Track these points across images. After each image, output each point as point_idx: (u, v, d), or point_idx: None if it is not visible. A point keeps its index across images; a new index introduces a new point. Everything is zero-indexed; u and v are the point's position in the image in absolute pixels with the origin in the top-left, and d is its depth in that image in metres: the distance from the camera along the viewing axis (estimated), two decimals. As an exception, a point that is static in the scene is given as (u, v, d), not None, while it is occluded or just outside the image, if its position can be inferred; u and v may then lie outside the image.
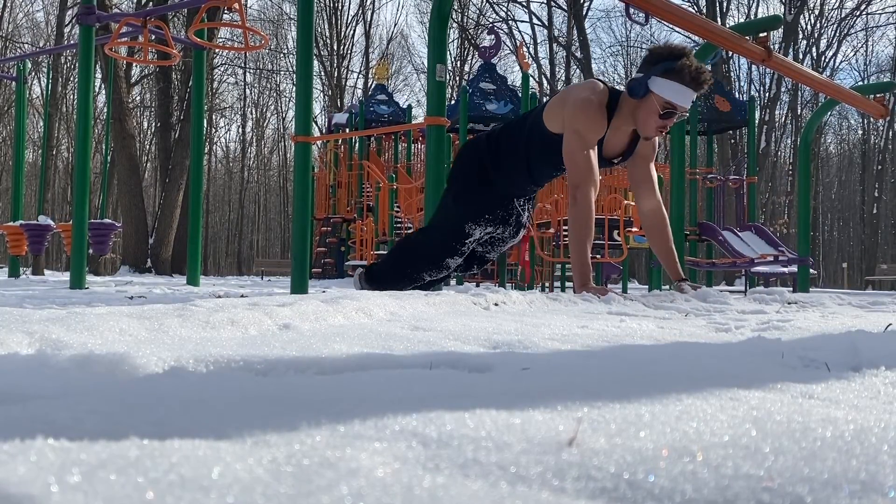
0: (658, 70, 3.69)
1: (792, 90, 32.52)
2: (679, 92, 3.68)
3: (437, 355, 1.29)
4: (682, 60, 3.67)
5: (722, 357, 1.27)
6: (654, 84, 3.70)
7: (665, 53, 3.72)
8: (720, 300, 3.70)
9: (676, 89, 3.68)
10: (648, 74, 3.72)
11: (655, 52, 3.78)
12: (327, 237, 17.82)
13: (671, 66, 3.67)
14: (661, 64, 3.69)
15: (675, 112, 3.72)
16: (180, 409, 0.73)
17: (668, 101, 3.69)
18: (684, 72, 3.66)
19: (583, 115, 3.81)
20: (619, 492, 0.53)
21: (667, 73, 3.68)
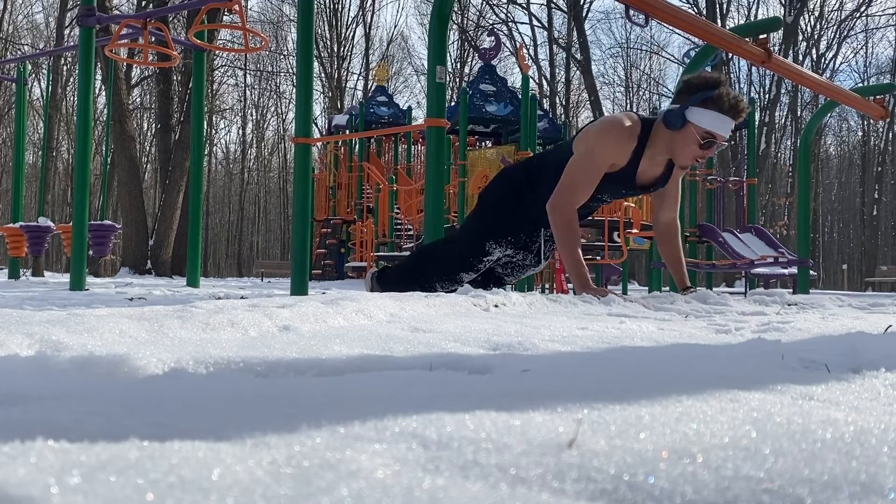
0: (695, 100, 3.65)
1: (792, 92, 32.53)
2: (719, 121, 3.65)
3: (437, 357, 1.29)
4: (720, 90, 3.64)
5: (722, 359, 1.27)
6: (692, 114, 3.66)
7: (701, 84, 3.68)
8: (720, 302, 3.70)
9: (716, 118, 3.64)
10: (686, 105, 3.67)
11: (691, 82, 3.73)
12: (327, 239, 17.83)
13: (709, 95, 3.63)
14: (698, 94, 3.65)
15: (714, 142, 3.69)
16: (180, 411, 0.73)
17: (707, 131, 3.65)
18: (723, 101, 3.63)
19: (604, 138, 3.79)
20: (619, 493, 0.53)
21: (705, 103, 3.64)
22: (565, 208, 3.81)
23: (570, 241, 3.80)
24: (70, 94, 33.83)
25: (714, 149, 3.74)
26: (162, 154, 22.82)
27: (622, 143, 3.78)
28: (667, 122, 3.72)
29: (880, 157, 36.75)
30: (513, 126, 14.88)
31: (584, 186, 3.82)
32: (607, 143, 3.79)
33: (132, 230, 19.47)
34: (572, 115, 37.13)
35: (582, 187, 3.82)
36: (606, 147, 3.79)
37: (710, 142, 3.69)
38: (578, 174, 3.83)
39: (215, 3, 6.55)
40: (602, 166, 3.81)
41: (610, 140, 3.79)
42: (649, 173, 3.94)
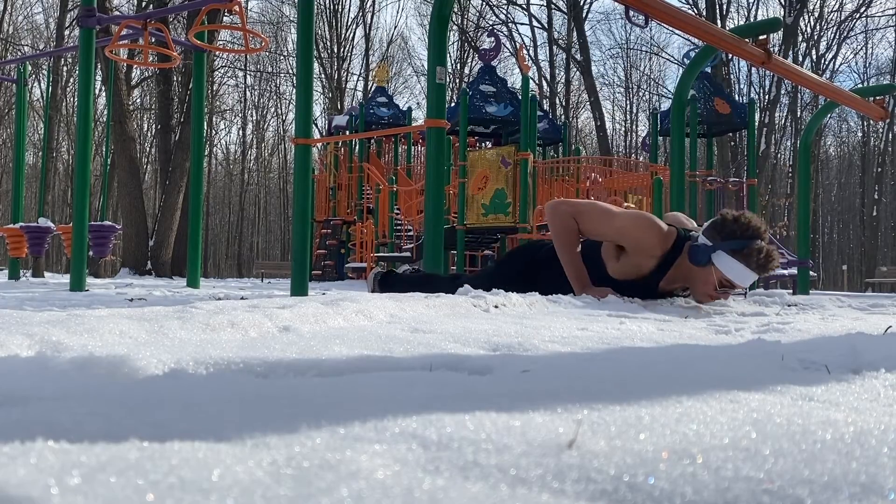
0: (726, 247, 3.52)
1: (792, 93, 32.52)
2: (742, 274, 3.54)
3: (437, 357, 1.29)
4: (753, 244, 3.50)
5: (722, 359, 1.27)
6: (718, 258, 3.54)
7: (738, 232, 3.53)
8: (720, 302, 3.70)
9: (740, 271, 3.53)
10: (715, 247, 3.55)
11: (728, 225, 3.57)
12: (327, 239, 17.83)
13: (742, 246, 3.50)
14: (732, 241, 3.52)
15: (732, 288, 3.61)
16: (180, 412, 0.73)
17: (727, 279, 3.56)
18: (752, 256, 3.50)
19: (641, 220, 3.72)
20: (619, 494, 0.53)
21: (734, 253, 3.51)
22: (565, 214, 3.78)
23: (569, 243, 3.79)
24: (70, 94, 33.83)
25: (728, 295, 3.66)
26: (162, 155, 22.82)
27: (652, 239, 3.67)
28: (691, 256, 3.62)
29: (880, 158, 36.75)
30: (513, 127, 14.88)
31: (591, 219, 3.76)
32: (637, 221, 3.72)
33: (132, 231, 19.47)
34: (572, 116, 37.15)
35: (589, 217, 3.76)
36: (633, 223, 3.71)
37: (727, 289, 3.61)
38: (595, 208, 3.79)
39: (215, 3, 6.55)
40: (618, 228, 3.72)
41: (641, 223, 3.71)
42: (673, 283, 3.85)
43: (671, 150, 8.37)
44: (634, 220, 3.73)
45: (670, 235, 3.70)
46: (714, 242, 3.56)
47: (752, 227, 3.54)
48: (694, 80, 7.89)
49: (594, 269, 3.82)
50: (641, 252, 3.69)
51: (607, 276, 3.79)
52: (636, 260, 3.72)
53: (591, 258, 3.84)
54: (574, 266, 3.76)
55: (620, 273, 3.77)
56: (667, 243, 3.69)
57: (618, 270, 3.78)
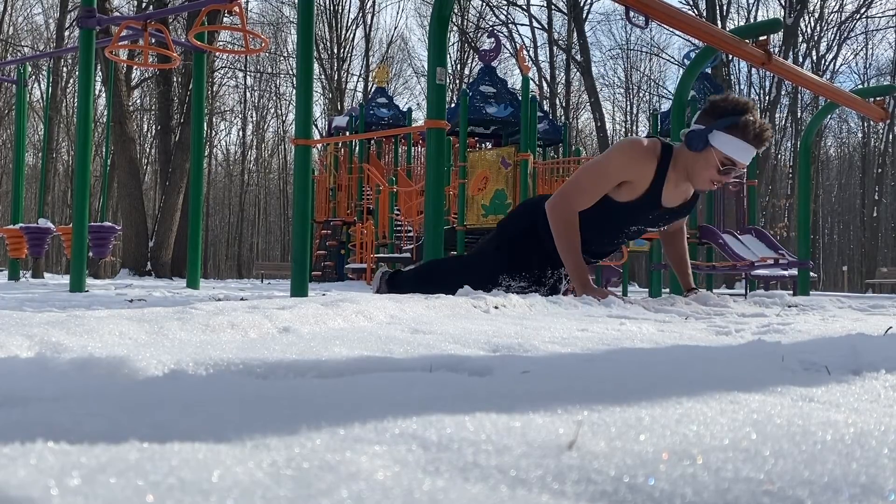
0: (721, 125, 3.58)
1: (792, 93, 32.53)
2: (741, 149, 3.58)
3: (437, 358, 1.29)
4: (747, 116, 3.57)
5: (722, 360, 1.27)
6: (715, 138, 3.59)
7: (729, 108, 3.61)
8: (720, 303, 3.71)
9: (739, 146, 3.57)
10: (710, 128, 3.60)
11: (718, 105, 3.66)
12: (327, 240, 17.83)
13: (735, 121, 3.56)
14: (725, 119, 3.58)
15: (734, 168, 3.63)
16: (180, 413, 0.73)
17: (728, 157, 3.59)
18: (748, 128, 3.56)
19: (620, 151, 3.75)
20: (619, 495, 0.53)
21: (730, 129, 3.57)
22: (565, 210, 3.78)
23: (570, 242, 3.79)
24: (70, 95, 33.84)
25: (732, 175, 3.68)
26: (162, 155, 22.83)
27: (638, 160, 3.71)
28: (688, 142, 3.66)
29: (880, 159, 36.76)
30: (513, 127, 14.90)
31: (589, 193, 3.77)
32: (622, 156, 3.74)
33: (132, 232, 19.48)
34: (572, 117, 37.17)
35: (586, 193, 3.77)
36: (620, 160, 3.74)
37: (730, 168, 3.63)
38: (585, 179, 3.79)
39: (215, 4, 6.55)
40: (612, 177, 3.74)
41: (625, 154, 3.74)
42: (675, 199, 3.87)
43: (671, 150, 8.36)
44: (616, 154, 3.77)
45: (654, 144, 3.76)
46: (708, 125, 3.62)
47: (741, 103, 3.62)
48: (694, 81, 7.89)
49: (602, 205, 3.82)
50: (636, 171, 3.73)
51: (615, 204, 3.80)
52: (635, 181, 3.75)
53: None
54: (575, 266, 3.76)
55: (626, 196, 3.80)
56: (654, 151, 3.73)
57: (622, 195, 3.80)
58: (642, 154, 3.72)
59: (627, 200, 3.79)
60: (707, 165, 3.65)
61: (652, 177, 3.74)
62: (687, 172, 3.76)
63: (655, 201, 3.80)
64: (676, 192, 3.85)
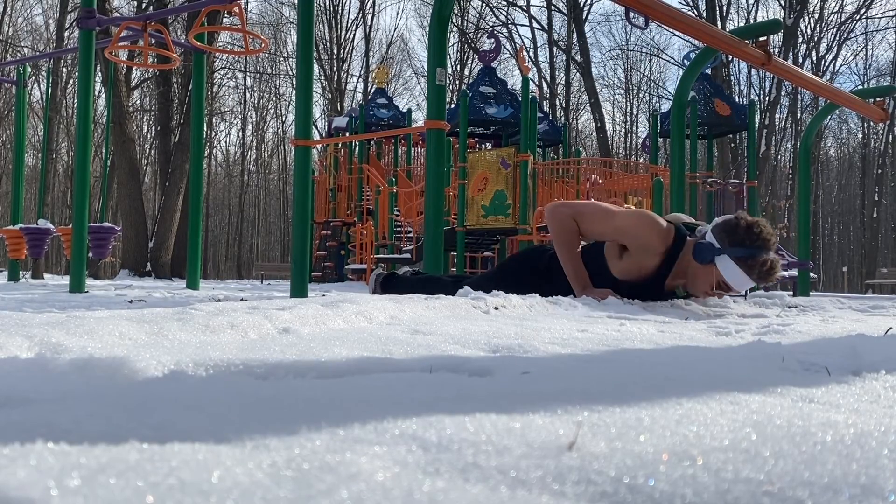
0: (733, 252, 3.52)
1: (792, 94, 32.53)
2: (742, 281, 3.55)
3: (437, 359, 1.29)
4: (762, 255, 3.50)
5: (722, 361, 1.27)
6: (721, 262, 3.55)
7: (748, 240, 3.53)
8: (720, 304, 3.71)
9: (741, 278, 3.54)
10: (721, 249, 3.54)
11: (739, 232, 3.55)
12: (327, 241, 17.83)
13: (748, 256, 3.50)
14: (739, 248, 3.51)
15: (729, 290, 3.62)
16: (180, 413, 0.73)
17: (727, 283, 3.57)
18: (756, 267, 3.50)
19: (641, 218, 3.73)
20: (619, 496, 0.53)
21: (739, 260, 3.51)
22: (565, 216, 3.78)
23: (569, 244, 3.79)
24: (70, 96, 33.84)
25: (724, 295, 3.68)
26: (162, 156, 22.82)
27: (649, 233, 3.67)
28: (695, 253, 3.62)
29: (880, 160, 36.76)
30: (513, 128, 14.90)
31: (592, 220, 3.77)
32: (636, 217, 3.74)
33: (132, 232, 19.46)
34: (572, 118, 37.18)
35: (589, 217, 3.77)
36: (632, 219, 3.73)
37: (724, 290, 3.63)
38: (595, 208, 3.80)
39: (215, 5, 6.55)
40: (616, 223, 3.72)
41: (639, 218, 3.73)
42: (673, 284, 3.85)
43: (671, 151, 8.37)
44: (634, 219, 3.73)
45: (670, 231, 3.70)
46: (722, 245, 3.55)
47: (762, 239, 3.52)
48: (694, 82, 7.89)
49: (598, 270, 3.81)
50: (643, 250, 3.69)
51: (611, 276, 3.78)
52: (639, 259, 3.71)
53: (594, 259, 3.83)
54: (574, 267, 3.77)
55: (625, 273, 3.76)
56: (668, 240, 3.68)
57: (622, 270, 3.77)
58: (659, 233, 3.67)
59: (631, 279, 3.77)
60: (705, 279, 3.63)
61: (659, 262, 3.71)
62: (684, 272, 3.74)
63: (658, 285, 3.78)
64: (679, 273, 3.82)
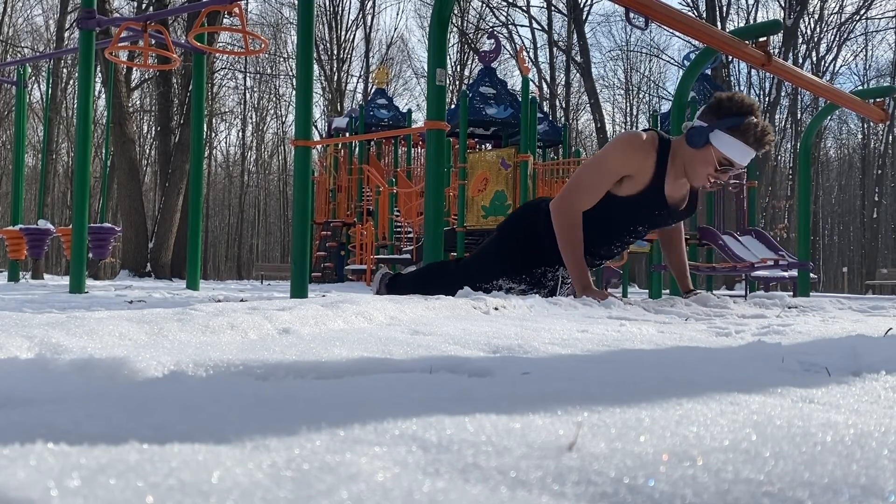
0: (723, 125, 3.56)
1: (792, 94, 32.54)
2: (741, 150, 3.57)
3: (437, 360, 1.29)
4: (750, 119, 3.55)
5: (722, 361, 1.27)
6: (715, 137, 3.58)
7: (734, 108, 3.59)
8: (720, 305, 3.70)
9: (739, 147, 3.56)
10: (712, 126, 3.59)
11: (723, 103, 3.64)
12: (327, 241, 17.83)
13: (738, 122, 3.55)
14: (728, 119, 3.57)
15: (731, 168, 3.63)
16: (180, 414, 0.73)
17: (726, 157, 3.59)
18: (749, 131, 3.54)
19: (618, 146, 3.75)
20: (619, 496, 0.53)
21: (731, 130, 3.55)
22: (568, 210, 3.78)
23: (573, 244, 3.79)
24: (70, 96, 33.84)
25: (729, 174, 3.67)
26: (162, 157, 22.81)
27: (637, 152, 3.71)
28: (689, 138, 3.65)
29: (880, 160, 36.77)
30: (513, 129, 14.90)
31: (591, 190, 3.78)
32: (621, 149, 3.74)
33: (132, 233, 19.45)
34: (572, 118, 37.18)
35: (588, 191, 3.78)
36: (620, 154, 3.74)
37: (727, 168, 3.63)
38: (586, 177, 3.79)
39: (216, 5, 6.55)
40: (612, 172, 3.74)
41: (624, 147, 3.74)
42: (676, 194, 3.86)
43: (671, 152, 8.36)
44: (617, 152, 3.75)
45: (652, 137, 3.75)
46: (710, 123, 3.61)
47: (746, 104, 3.60)
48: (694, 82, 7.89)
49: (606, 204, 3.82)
50: (636, 164, 3.72)
51: (619, 200, 3.80)
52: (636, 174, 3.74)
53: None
54: (577, 267, 3.76)
55: (626, 191, 3.79)
56: (653, 144, 3.72)
57: (623, 190, 3.80)
58: (641, 146, 3.71)
59: (630, 194, 3.79)
60: (705, 163, 3.65)
61: (653, 169, 3.74)
62: (685, 168, 3.75)
63: (660, 195, 3.79)
64: (676, 185, 3.85)
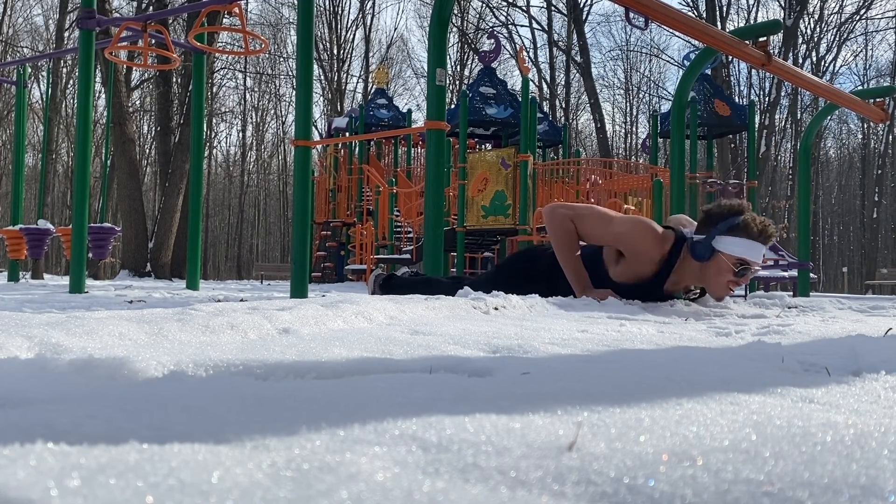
0: (722, 229, 3.56)
1: (792, 94, 32.53)
2: (751, 247, 3.55)
3: (437, 360, 1.29)
4: (745, 216, 3.55)
5: (722, 361, 1.27)
6: (719, 243, 3.56)
7: (724, 212, 3.61)
8: (720, 304, 3.70)
9: (747, 245, 3.55)
10: (712, 235, 3.58)
11: (712, 212, 3.65)
12: (327, 241, 17.83)
13: (735, 222, 3.55)
14: (724, 222, 3.56)
15: (749, 268, 3.58)
16: (180, 414, 0.73)
17: (740, 259, 3.55)
18: (751, 227, 3.54)
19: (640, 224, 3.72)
20: (619, 496, 0.53)
21: (732, 231, 3.55)
22: (563, 219, 3.78)
23: (568, 245, 3.79)
24: (70, 96, 33.83)
25: (749, 276, 3.62)
26: (162, 157, 22.79)
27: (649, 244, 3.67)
28: (694, 253, 3.62)
29: (880, 160, 36.76)
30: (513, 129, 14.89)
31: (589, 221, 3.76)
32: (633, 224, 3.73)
33: (132, 233, 19.44)
34: (572, 118, 37.18)
35: (587, 218, 3.77)
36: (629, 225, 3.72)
37: (745, 269, 3.57)
38: (594, 210, 3.79)
39: (216, 5, 6.55)
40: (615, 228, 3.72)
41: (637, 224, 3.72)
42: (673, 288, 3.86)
43: (671, 151, 8.37)
44: (631, 227, 3.72)
45: (667, 239, 3.70)
46: (709, 233, 3.59)
47: (734, 205, 3.63)
48: (694, 82, 7.89)
49: (596, 272, 3.82)
50: (639, 257, 3.69)
51: (609, 279, 3.79)
52: (635, 265, 3.72)
53: (591, 262, 3.83)
54: (573, 268, 3.77)
55: (622, 276, 3.77)
56: (664, 247, 3.68)
57: (619, 274, 3.78)
58: (651, 238, 3.68)
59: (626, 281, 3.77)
60: (720, 272, 3.59)
61: (655, 269, 3.71)
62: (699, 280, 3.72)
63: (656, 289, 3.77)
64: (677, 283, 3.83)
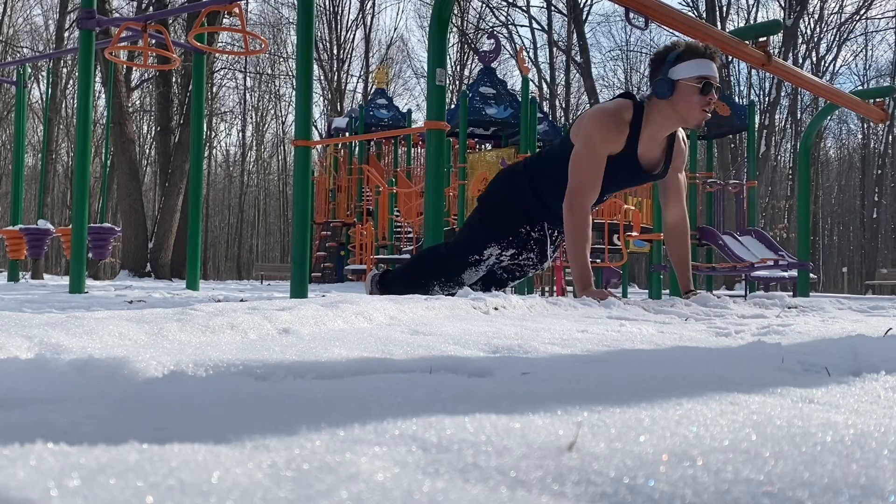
0: (670, 60, 3.73)
1: (792, 94, 32.55)
2: (702, 64, 3.70)
3: (437, 360, 1.29)
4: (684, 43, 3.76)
5: (722, 361, 1.27)
6: (675, 72, 3.72)
7: (665, 51, 3.80)
8: (720, 305, 3.70)
9: (698, 63, 3.70)
10: (664, 71, 3.74)
11: (657, 55, 3.84)
12: (327, 241, 17.83)
13: (678, 51, 3.73)
14: (669, 56, 3.74)
15: (711, 84, 3.71)
16: (180, 414, 0.73)
17: (699, 76, 3.70)
18: (693, 47, 3.72)
19: (598, 125, 3.83)
20: (619, 496, 0.53)
21: (680, 59, 3.72)
22: (581, 209, 3.83)
23: (581, 242, 3.81)
24: (70, 96, 33.83)
25: (715, 93, 3.74)
26: (162, 157, 22.79)
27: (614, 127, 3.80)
28: (657, 93, 3.75)
29: (880, 160, 36.78)
30: (513, 129, 14.90)
31: (593, 180, 3.84)
32: (600, 130, 3.81)
33: (131, 233, 19.44)
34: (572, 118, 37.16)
35: (591, 182, 3.84)
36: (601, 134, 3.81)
37: (708, 84, 3.71)
38: (584, 170, 3.85)
39: (216, 5, 6.55)
40: (603, 152, 3.82)
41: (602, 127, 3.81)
42: (651, 157, 3.94)
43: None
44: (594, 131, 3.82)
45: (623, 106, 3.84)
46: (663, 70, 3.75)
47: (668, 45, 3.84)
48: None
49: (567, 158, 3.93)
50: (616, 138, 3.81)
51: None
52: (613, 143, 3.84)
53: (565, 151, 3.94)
54: (580, 267, 3.78)
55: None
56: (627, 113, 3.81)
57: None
58: (616, 121, 3.81)
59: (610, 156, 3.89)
60: (686, 97, 3.72)
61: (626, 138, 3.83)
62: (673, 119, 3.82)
63: (633, 160, 3.88)
64: (651, 146, 3.92)
